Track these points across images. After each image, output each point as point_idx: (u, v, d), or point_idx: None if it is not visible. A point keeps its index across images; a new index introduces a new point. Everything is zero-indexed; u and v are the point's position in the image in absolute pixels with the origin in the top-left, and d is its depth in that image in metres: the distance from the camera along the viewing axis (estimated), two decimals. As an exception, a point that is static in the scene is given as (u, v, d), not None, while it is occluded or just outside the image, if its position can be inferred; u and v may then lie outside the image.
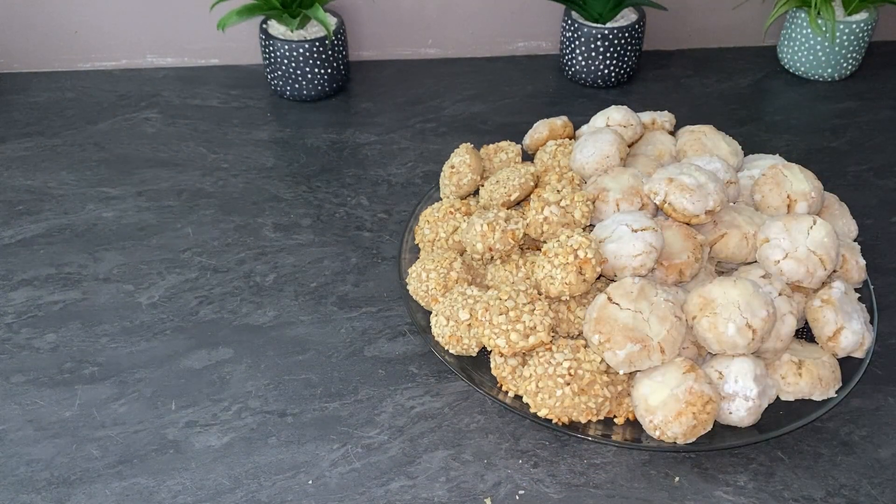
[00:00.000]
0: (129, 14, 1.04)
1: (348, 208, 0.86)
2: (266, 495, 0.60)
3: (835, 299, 0.67)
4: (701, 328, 0.63)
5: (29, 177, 0.89)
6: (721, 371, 0.63)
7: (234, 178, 0.90)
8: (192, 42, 1.06)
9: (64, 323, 0.73)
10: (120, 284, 0.77)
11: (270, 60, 0.99)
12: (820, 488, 0.61)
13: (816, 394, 0.65)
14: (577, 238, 0.65)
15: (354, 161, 0.93)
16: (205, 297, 0.76)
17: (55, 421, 0.65)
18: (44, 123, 0.97)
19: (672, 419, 0.60)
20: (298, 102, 1.01)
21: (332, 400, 0.67)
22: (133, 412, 0.66)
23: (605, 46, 1.02)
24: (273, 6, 0.96)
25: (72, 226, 0.83)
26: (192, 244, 0.81)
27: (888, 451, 0.64)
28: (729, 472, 0.62)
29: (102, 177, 0.90)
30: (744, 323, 0.62)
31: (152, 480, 0.61)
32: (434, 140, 0.96)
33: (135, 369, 0.69)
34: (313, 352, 0.71)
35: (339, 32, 0.99)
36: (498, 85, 1.06)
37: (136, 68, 1.07)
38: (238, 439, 0.64)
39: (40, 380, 0.68)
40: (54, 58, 1.06)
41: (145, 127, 0.97)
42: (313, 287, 0.77)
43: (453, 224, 0.75)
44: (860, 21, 1.02)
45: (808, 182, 0.73)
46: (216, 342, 0.71)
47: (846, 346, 0.66)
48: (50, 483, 0.60)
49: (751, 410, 0.62)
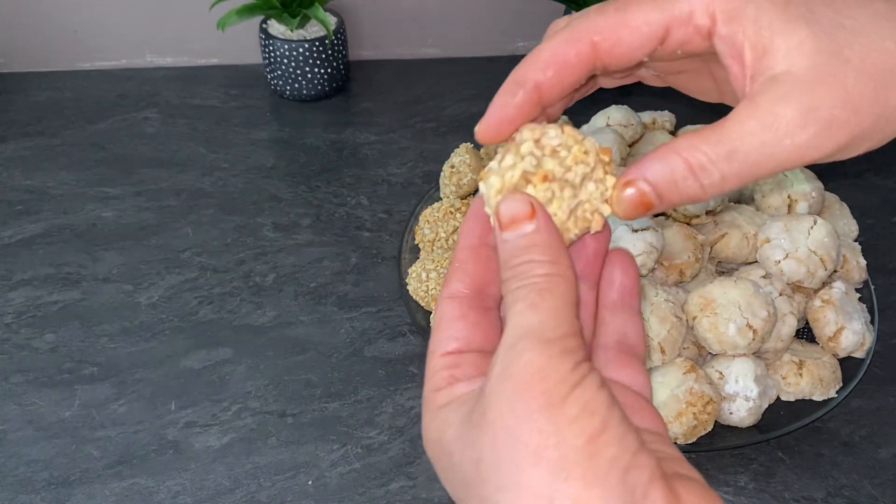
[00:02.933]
0: (129, 14, 1.03)
1: (348, 208, 0.86)
2: (266, 496, 0.60)
3: (835, 299, 0.67)
4: (701, 328, 0.63)
5: (28, 176, 0.89)
6: (721, 371, 0.63)
7: (234, 178, 0.90)
8: (191, 41, 1.06)
9: (63, 323, 0.73)
10: (119, 284, 0.77)
11: (270, 60, 0.99)
12: (821, 489, 0.61)
13: (817, 394, 0.65)
14: None
15: (354, 161, 0.92)
16: (204, 297, 0.75)
17: (54, 421, 0.65)
18: (43, 123, 0.97)
19: (672, 419, 0.60)
20: (298, 102, 1.01)
21: (331, 400, 0.67)
22: (132, 412, 0.65)
23: (605, 46, 1.01)
24: (273, 6, 0.96)
25: (71, 226, 0.83)
26: (191, 244, 0.81)
27: (889, 452, 0.64)
28: (729, 472, 0.62)
29: (102, 176, 0.90)
30: (744, 323, 0.61)
31: (152, 481, 0.61)
32: (434, 140, 0.96)
33: (134, 369, 0.69)
34: (313, 352, 0.71)
35: (339, 32, 0.99)
36: (499, 84, 1.05)
37: (136, 68, 1.07)
38: (238, 440, 0.64)
39: (39, 380, 0.68)
40: (53, 57, 1.05)
41: (145, 127, 0.97)
42: (313, 287, 0.77)
43: (453, 224, 0.75)
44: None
45: (809, 182, 0.73)
46: (216, 342, 0.71)
47: (847, 347, 0.66)
48: (49, 483, 0.60)
49: (751, 411, 0.62)
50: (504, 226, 0.30)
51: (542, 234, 0.30)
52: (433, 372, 0.31)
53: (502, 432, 0.26)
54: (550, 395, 0.26)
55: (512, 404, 0.27)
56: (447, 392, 0.30)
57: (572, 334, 0.28)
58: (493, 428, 0.27)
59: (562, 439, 0.26)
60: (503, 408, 0.27)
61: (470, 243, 0.33)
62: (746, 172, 0.30)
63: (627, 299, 0.33)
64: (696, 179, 0.31)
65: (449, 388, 0.30)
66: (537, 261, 0.29)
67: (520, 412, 0.26)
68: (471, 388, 0.30)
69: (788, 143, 0.30)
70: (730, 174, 0.30)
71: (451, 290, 0.32)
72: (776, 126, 0.30)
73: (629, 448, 0.26)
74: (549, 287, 0.29)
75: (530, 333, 0.28)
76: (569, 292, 0.29)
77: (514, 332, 0.28)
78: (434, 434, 0.30)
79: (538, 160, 0.31)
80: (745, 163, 0.30)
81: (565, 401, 0.26)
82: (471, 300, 0.32)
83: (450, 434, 0.29)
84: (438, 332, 0.32)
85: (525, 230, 0.30)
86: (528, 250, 0.30)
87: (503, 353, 0.28)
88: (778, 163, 0.30)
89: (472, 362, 0.31)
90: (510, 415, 0.26)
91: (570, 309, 0.29)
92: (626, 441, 0.26)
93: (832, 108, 0.30)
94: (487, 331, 0.32)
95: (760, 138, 0.30)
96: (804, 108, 0.30)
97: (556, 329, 0.28)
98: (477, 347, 0.31)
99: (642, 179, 0.31)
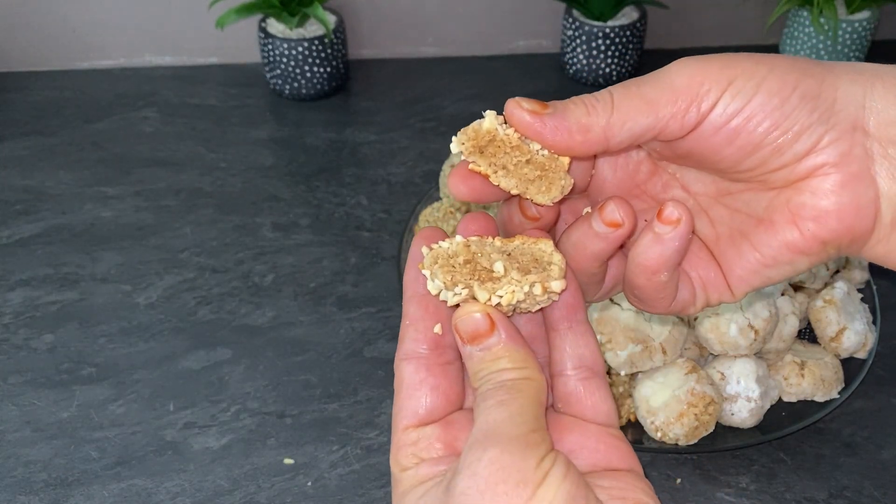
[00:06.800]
0: (128, 13, 1.03)
1: (347, 208, 0.86)
2: (265, 497, 0.60)
3: (837, 300, 0.66)
4: (703, 329, 0.63)
5: (26, 176, 0.89)
6: (723, 372, 0.63)
7: (233, 178, 0.89)
8: (190, 41, 1.06)
9: (61, 323, 0.72)
10: (118, 285, 0.76)
11: (269, 59, 0.98)
12: (822, 490, 0.61)
13: (819, 395, 0.64)
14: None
15: (354, 160, 0.92)
16: (203, 297, 0.75)
17: (53, 422, 0.64)
18: (41, 123, 0.97)
19: (674, 420, 0.60)
20: (297, 101, 1.01)
21: (331, 401, 0.66)
22: (131, 413, 0.65)
23: (606, 45, 1.01)
24: (272, 4, 0.95)
25: (69, 226, 0.83)
26: (190, 244, 0.81)
27: (891, 453, 0.63)
28: (731, 473, 0.62)
29: (100, 176, 0.89)
30: (746, 323, 0.61)
31: (150, 482, 0.60)
32: (434, 139, 0.95)
33: (133, 370, 0.69)
34: (312, 352, 0.70)
35: (339, 31, 0.99)
36: (498, 84, 1.05)
37: (135, 67, 1.07)
38: (237, 440, 0.63)
39: (38, 380, 0.68)
40: (52, 57, 1.05)
41: (143, 126, 0.97)
42: (312, 287, 0.76)
43: (453, 224, 0.75)
44: (862, 20, 1.02)
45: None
46: (214, 343, 0.71)
47: (849, 347, 0.66)
48: (48, 484, 0.60)
49: (753, 411, 0.62)
50: (466, 341, 0.31)
51: (507, 344, 0.31)
52: (397, 448, 0.31)
53: None
54: (513, 497, 0.27)
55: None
56: (412, 474, 0.31)
57: (537, 429, 0.29)
58: None
59: None
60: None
61: (416, 292, 0.33)
62: (636, 96, 0.31)
63: (572, 314, 0.33)
64: (588, 103, 0.31)
65: (415, 469, 0.31)
66: (506, 368, 0.30)
67: None
68: (436, 470, 0.30)
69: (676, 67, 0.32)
70: (616, 94, 0.31)
71: (405, 350, 0.32)
72: (664, 73, 0.32)
73: None
74: (519, 388, 0.30)
75: (496, 430, 0.28)
76: (537, 393, 0.30)
77: (482, 427, 0.29)
78: None
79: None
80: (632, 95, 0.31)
81: (528, 502, 0.27)
82: (428, 358, 0.32)
83: None
84: (400, 401, 0.32)
85: (489, 344, 0.31)
86: (495, 362, 0.31)
87: (470, 449, 0.28)
88: (663, 90, 0.31)
89: (435, 436, 0.31)
90: None
91: (538, 407, 0.30)
92: None
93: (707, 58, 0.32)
94: (449, 391, 0.32)
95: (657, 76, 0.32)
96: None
97: (521, 425, 0.29)
98: (439, 415, 0.32)
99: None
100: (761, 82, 0.30)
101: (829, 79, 0.31)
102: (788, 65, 0.31)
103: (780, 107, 0.30)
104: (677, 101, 0.31)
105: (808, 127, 0.30)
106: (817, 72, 0.31)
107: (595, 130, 0.31)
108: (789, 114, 0.30)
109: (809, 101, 0.30)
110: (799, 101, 0.30)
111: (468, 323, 0.31)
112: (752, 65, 0.31)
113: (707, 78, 0.31)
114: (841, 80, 0.31)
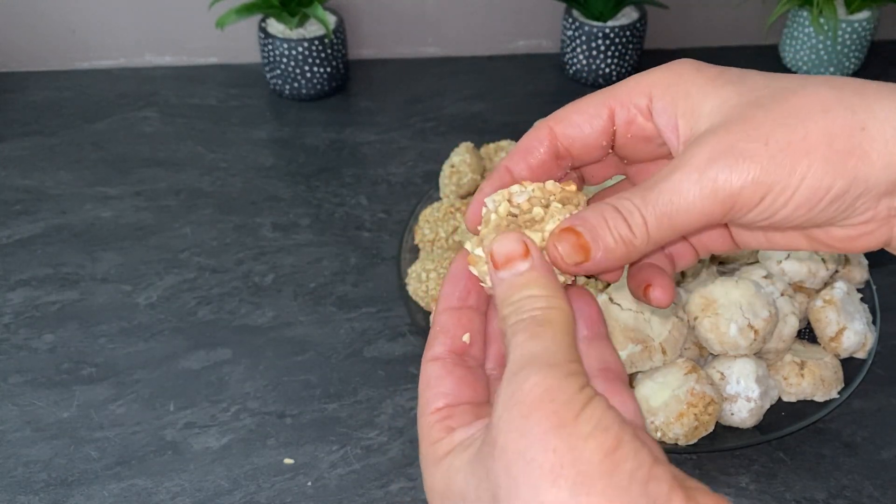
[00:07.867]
0: (127, 13, 1.03)
1: (347, 208, 0.86)
2: (265, 497, 0.60)
3: (837, 300, 0.66)
4: (702, 329, 0.63)
5: (26, 176, 0.89)
6: (723, 372, 0.63)
7: (233, 178, 0.89)
8: (190, 41, 1.06)
9: (62, 323, 0.73)
10: (118, 285, 0.76)
11: (269, 59, 0.98)
12: (822, 490, 0.61)
13: (818, 395, 0.64)
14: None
15: (354, 160, 0.92)
16: (203, 297, 0.75)
17: (53, 422, 0.64)
18: (41, 123, 0.97)
19: (673, 420, 0.60)
20: (297, 101, 1.01)
21: (331, 401, 0.66)
22: (131, 413, 0.65)
23: (606, 45, 1.01)
24: (272, 4, 0.95)
25: (69, 226, 0.83)
26: (190, 244, 0.81)
27: (891, 453, 0.63)
28: (731, 473, 0.62)
29: (100, 176, 0.89)
30: (745, 323, 0.61)
31: (150, 482, 0.60)
32: (434, 139, 0.95)
33: (133, 370, 0.69)
34: (312, 352, 0.70)
35: (339, 31, 0.99)
36: (498, 84, 1.05)
37: (134, 67, 1.07)
38: (237, 440, 0.63)
39: (38, 380, 0.68)
40: (51, 57, 1.05)
41: (143, 126, 0.97)
42: (312, 287, 0.76)
43: (453, 224, 0.75)
44: (862, 20, 1.02)
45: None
46: (214, 343, 0.71)
47: (848, 347, 0.66)
48: (48, 484, 0.60)
49: (753, 411, 0.62)
50: (499, 265, 0.31)
51: (537, 271, 0.31)
52: (427, 428, 0.31)
53: (516, 457, 0.26)
54: (561, 415, 0.26)
55: (522, 428, 0.26)
56: (447, 441, 0.30)
57: (575, 360, 0.29)
58: (505, 455, 0.27)
59: (578, 457, 0.26)
60: (513, 433, 0.27)
61: (449, 306, 0.34)
62: (664, 214, 0.31)
63: (596, 328, 0.34)
64: (623, 220, 0.31)
65: (448, 437, 0.30)
66: (535, 296, 0.30)
67: (532, 434, 0.26)
68: (470, 432, 0.30)
69: (696, 176, 0.30)
70: (648, 215, 0.31)
71: (433, 352, 0.33)
72: (686, 164, 0.31)
73: (645, 461, 0.26)
74: (549, 318, 0.29)
75: (534, 360, 0.28)
76: (567, 323, 0.30)
77: (518, 361, 0.28)
78: (441, 484, 0.30)
79: (517, 214, 0.33)
80: (658, 203, 0.31)
81: (577, 419, 0.26)
82: (454, 360, 0.33)
83: (459, 478, 0.29)
84: (427, 392, 0.32)
85: (520, 269, 0.31)
86: (525, 287, 0.31)
87: (508, 382, 0.28)
88: (691, 201, 0.31)
89: (465, 411, 0.31)
90: (522, 438, 0.26)
91: (570, 338, 0.29)
92: (641, 455, 0.26)
93: (739, 140, 0.30)
94: (475, 384, 0.32)
95: (672, 177, 0.31)
96: (713, 145, 0.31)
97: (558, 354, 0.28)
98: (466, 400, 0.32)
99: (576, 220, 0.32)
100: (792, 196, 0.31)
101: (866, 142, 0.30)
102: (823, 155, 0.30)
103: (807, 213, 0.31)
104: (708, 220, 0.31)
105: (835, 218, 0.32)
106: (856, 147, 0.30)
107: (635, 252, 0.32)
108: (818, 213, 0.31)
109: (838, 201, 0.31)
110: (828, 204, 0.31)
111: (504, 245, 0.31)
112: (786, 175, 0.30)
113: (737, 201, 0.31)
114: (877, 141, 0.30)
